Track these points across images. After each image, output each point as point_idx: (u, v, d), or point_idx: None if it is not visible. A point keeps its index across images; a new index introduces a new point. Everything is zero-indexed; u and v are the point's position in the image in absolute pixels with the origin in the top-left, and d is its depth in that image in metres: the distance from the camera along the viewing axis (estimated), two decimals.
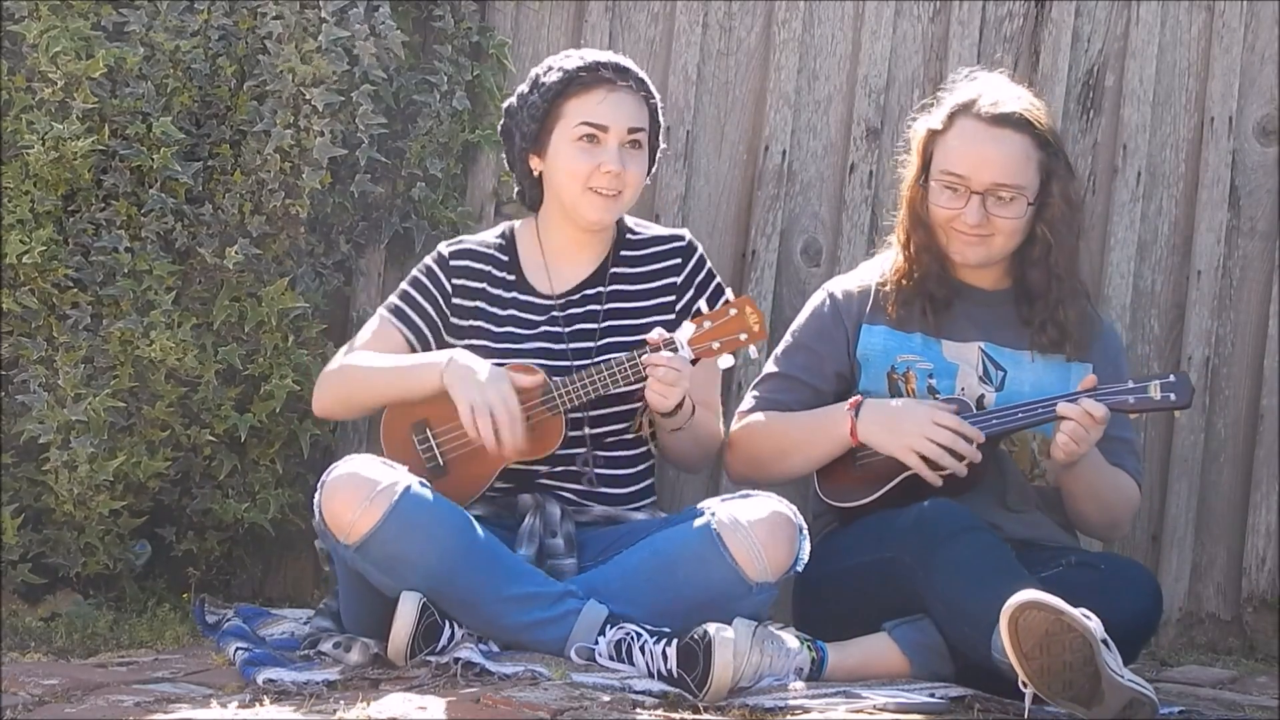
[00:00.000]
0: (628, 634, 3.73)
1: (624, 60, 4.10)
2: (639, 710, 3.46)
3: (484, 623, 3.79)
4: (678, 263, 4.18)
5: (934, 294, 4.18)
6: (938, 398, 4.13)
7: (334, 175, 4.53)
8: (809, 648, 3.79)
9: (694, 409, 4.01)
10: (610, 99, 4.04)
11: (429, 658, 3.70)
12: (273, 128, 4.46)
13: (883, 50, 4.83)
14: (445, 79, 4.64)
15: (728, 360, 3.97)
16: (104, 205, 4.43)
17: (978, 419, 4.05)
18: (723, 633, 3.60)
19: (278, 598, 4.67)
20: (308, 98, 4.47)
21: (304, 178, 4.47)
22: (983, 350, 4.20)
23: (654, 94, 4.12)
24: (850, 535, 4.07)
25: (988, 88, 4.18)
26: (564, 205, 4.09)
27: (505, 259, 4.16)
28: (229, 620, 4.20)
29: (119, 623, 4.31)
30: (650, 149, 4.13)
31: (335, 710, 3.36)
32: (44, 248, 4.33)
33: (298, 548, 4.67)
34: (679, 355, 3.91)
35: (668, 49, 4.78)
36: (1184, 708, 3.90)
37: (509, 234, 4.20)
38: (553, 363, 4.04)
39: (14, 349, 4.39)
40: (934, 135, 4.17)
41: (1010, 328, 4.21)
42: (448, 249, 4.18)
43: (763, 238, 4.80)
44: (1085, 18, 4.89)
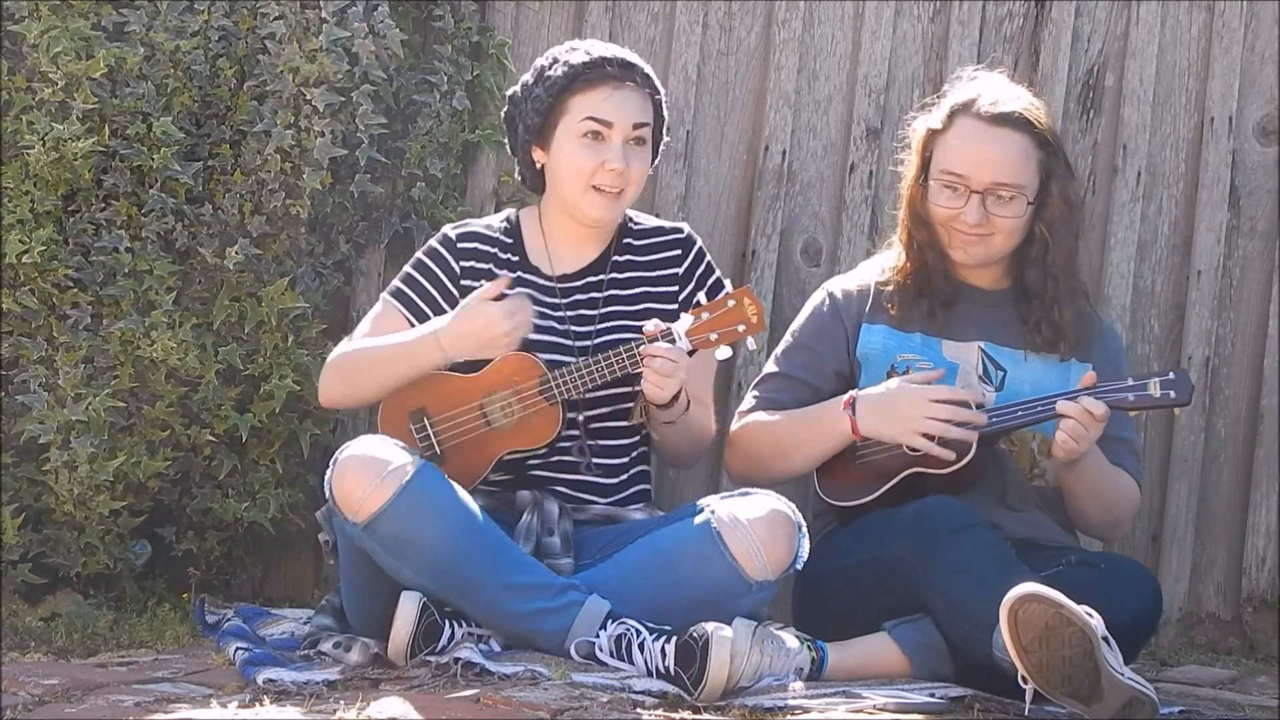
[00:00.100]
0: (628, 630, 3.73)
1: (629, 55, 4.09)
2: (639, 710, 3.45)
3: (485, 609, 3.77)
4: (678, 254, 4.17)
5: (935, 293, 4.18)
6: (922, 369, 4.12)
7: (334, 175, 4.53)
8: (809, 647, 3.79)
9: (689, 403, 4.00)
10: (615, 95, 4.03)
11: (429, 658, 3.69)
12: (273, 128, 4.46)
13: (883, 50, 4.83)
14: (445, 79, 4.64)
15: (725, 351, 3.95)
16: (104, 205, 4.43)
17: None
18: (721, 632, 3.59)
19: (278, 598, 4.66)
20: (308, 98, 4.47)
21: (304, 178, 4.48)
22: (982, 350, 4.20)
23: (659, 89, 4.11)
24: (850, 534, 4.06)
25: (987, 87, 4.18)
26: (565, 202, 4.08)
27: (510, 241, 4.15)
28: (229, 620, 4.20)
29: (119, 623, 4.31)
30: (654, 143, 4.12)
31: (335, 710, 3.36)
32: (44, 248, 4.33)
33: (298, 548, 4.67)
34: (676, 346, 3.90)
35: (668, 49, 4.77)
36: (1184, 708, 3.89)
37: (514, 219, 4.19)
38: (553, 339, 4.04)
39: (14, 349, 4.39)
40: (934, 134, 4.17)
41: (1010, 327, 4.21)
42: (454, 231, 4.16)
43: (763, 238, 4.80)
44: (1085, 18, 4.89)
